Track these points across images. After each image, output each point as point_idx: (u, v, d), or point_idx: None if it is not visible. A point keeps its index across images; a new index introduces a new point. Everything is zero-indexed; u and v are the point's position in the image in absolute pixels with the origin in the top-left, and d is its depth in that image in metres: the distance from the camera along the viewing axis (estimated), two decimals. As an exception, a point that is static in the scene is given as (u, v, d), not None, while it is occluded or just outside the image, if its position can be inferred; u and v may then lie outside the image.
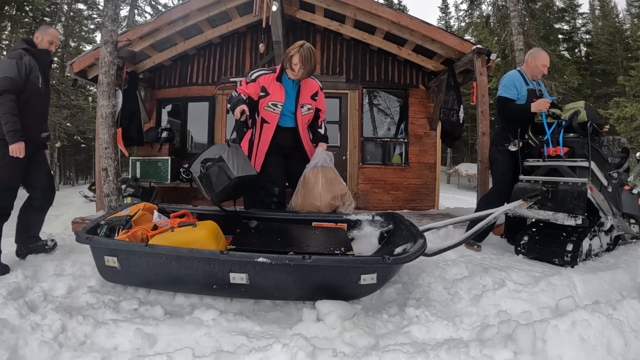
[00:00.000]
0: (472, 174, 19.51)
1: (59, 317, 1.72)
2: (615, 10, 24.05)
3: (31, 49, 2.57)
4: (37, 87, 2.55)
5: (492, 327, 1.71)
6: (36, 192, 2.77)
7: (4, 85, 2.36)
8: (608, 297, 2.14)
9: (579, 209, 2.62)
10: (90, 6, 19.20)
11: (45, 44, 2.66)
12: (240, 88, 2.76)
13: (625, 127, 14.10)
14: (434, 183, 6.16)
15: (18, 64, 2.43)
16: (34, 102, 2.55)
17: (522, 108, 3.06)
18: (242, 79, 2.80)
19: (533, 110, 2.98)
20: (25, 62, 2.47)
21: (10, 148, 2.39)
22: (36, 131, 2.62)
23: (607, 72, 20.64)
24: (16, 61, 2.43)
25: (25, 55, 2.50)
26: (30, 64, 2.50)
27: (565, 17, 21.28)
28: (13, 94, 2.39)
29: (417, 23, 4.90)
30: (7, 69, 2.40)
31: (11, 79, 2.38)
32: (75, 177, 28.17)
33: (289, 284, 1.97)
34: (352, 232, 2.80)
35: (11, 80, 2.38)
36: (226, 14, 5.36)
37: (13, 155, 2.40)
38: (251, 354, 1.51)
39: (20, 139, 2.40)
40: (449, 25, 27.33)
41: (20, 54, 2.48)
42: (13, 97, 2.39)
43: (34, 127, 2.58)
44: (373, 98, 6.43)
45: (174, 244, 2.04)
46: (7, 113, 2.36)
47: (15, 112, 2.39)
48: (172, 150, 5.86)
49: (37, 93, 2.56)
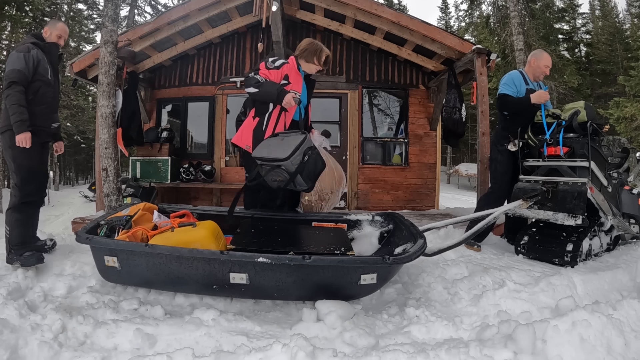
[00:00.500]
0: (472, 174, 19.52)
1: (59, 317, 1.72)
2: (615, 10, 24.06)
3: (39, 43, 2.63)
4: (47, 78, 2.61)
5: (492, 327, 1.71)
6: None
7: (12, 77, 2.44)
8: (608, 297, 2.14)
9: (579, 209, 2.62)
10: (90, 6, 19.19)
11: (54, 37, 2.71)
12: (263, 73, 2.64)
13: (625, 127, 14.10)
14: (434, 183, 6.16)
15: (25, 57, 2.49)
16: (44, 93, 2.61)
17: (522, 100, 3.05)
18: (261, 64, 2.69)
19: (533, 101, 2.97)
20: (33, 55, 2.53)
21: (17, 138, 2.44)
22: (46, 121, 2.67)
23: (607, 72, 20.63)
24: (24, 54, 2.49)
25: (33, 48, 2.55)
26: (39, 57, 2.56)
27: (565, 17, 21.27)
28: (21, 85, 2.46)
29: (417, 23, 4.90)
30: (15, 62, 2.47)
31: (19, 71, 2.45)
32: (75, 177, 28.16)
33: (289, 284, 1.97)
34: (352, 232, 2.80)
35: (19, 72, 2.45)
36: (226, 14, 5.36)
37: (19, 145, 2.44)
38: (251, 354, 1.51)
39: (27, 129, 2.44)
40: (449, 25, 27.32)
41: (28, 47, 2.54)
42: (21, 88, 2.46)
43: (43, 116, 2.63)
44: (373, 98, 6.43)
45: (174, 244, 2.04)
46: (15, 104, 2.43)
47: (23, 103, 2.45)
48: (172, 150, 5.86)
49: (46, 84, 2.62)
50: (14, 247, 2.51)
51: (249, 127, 2.70)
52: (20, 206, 2.56)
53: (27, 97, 2.50)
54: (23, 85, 2.47)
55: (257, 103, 2.71)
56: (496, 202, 3.09)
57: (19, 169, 2.54)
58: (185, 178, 5.78)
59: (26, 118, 2.44)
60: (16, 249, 2.50)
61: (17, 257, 2.47)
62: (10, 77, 2.45)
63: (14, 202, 2.58)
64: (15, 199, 2.57)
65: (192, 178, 5.80)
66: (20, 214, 2.57)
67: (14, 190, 2.60)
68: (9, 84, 2.44)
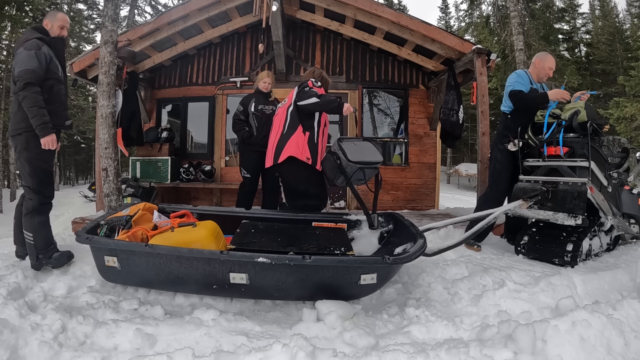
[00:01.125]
0: (472, 174, 19.51)
1: (59, 317, 1.72)
2: (615, 10, 24.05)
3: (46, 38, 2.51)
4: (58, 75, 2.53)
5: (492, 327, 1.71)
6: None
7: (27, 78, 2.31)
8: (608, 297, 2.14)
9: (579, 209, 2.62)
10: (90, 6, 19.19)
11: (56, 29, 2.59)
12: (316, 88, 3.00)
13: (625, 127, 14.09)
14: (434, 183, 6.16)
15: (38, 54, 2.37)
16: (57, 91, 2.52)
17: (539, 96, 3.03)
18: (308, 82, 3.01)
19: (551, 98, 2.96)
20: (45, 52, 2.42)
21: (42, 141, 2.37)
22: (61, 119, 2.57)
23: (607, 72, 20.62)
24: (35, 52, 2.37)
25: (42, 45, 2.44)
26: (50, 54, 2.46)
27: (565, 17, 21.26)
28: (36, 86, 2.34)
29: (417, 23, 4.90)
30: (27, 61, 2.34)
31: (33, 71, 2.33)
32: (75, 177, 28.15)
33: (289, 284, 1.97)
34: (352, 232, 2.80)
35: (33, 72, 2.33)
36: (226, 14, 5.36)
37: (46, 147, 2.39)
38: (251, 354, 1.51)
39: (51, 131, 2.38)
40: (449, 25, 27.31)
41: (37, 44, 2.41)
42: (37, 89, 2.34)
43: (59, 115, 2.54)
44: (373, 98, 6.42)
45: (174, 244, 2.04)
46: (34, 106, 2.32)
47: (42, 104, 2.35)
48: (172, 150, 5.86)
49: (58, 81, 2.53)
50: (42, 250, 2.46)
51: (304, 140, 2.93)
52: (40, 208, 2.50)
53: (42, 97, 2.39)
54: (38, 85, 2.36)
55: (303, 118, 2.95)
56: (494, 200, 3.09)
57: (35, 172, 2.46)
58: (185, 178, 5.78)
59: (48, 120, 2.36)
60: (44, 252, 2.46)
61: (47, 260, 2.44)
62: (25, 78, 2.31)
63: (32, 205, 2.48)
64: (34, 202, 2.48)
65: (192, 178, 5.80)
66: (41, 216, 2.51)
67: (30, 193, 2.49)
68: (24, 85, 2.31)
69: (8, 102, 12.69)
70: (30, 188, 2.48)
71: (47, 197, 2.53)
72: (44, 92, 2.41)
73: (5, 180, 14.37)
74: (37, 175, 2.47)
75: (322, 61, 5.98)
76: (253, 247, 2.13)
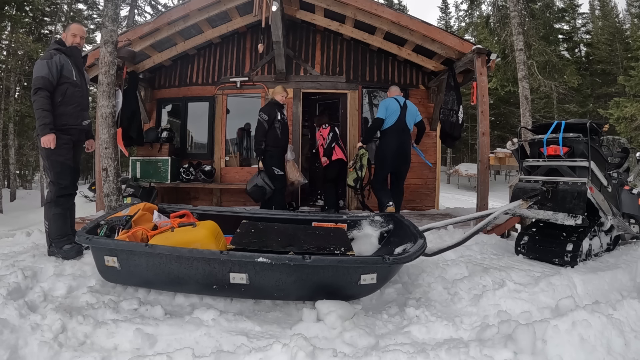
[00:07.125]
0: (472, 174, 19.47)
1: (59, 317, 1.72)
2: (615, 10, 24.03)
3: (62, 48, 2.80)
4: (72, 79, 2.79)
5: (492, 327, 1.71)
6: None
7: (37, 84, 2.63)
8: (608, 297, 2.14)
9: (579, 208, 2.62)
10: (90, 6, 19.16)
11: (70, 38, 2.86)
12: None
13: (625, 127, 14.07)
14: (434, 183, 6.15)
15: (49, 63, 2.66)
16: (72, 93, 2.79)
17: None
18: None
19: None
20: (56, 61, 2.70)
21: (42, 140, 2.61)
22: (77, 119, 2.85)
23: (607, 72, 20.60)
24: (47, 61, 2.67)
25: (56, 54, 2.73)
26: (62, 61, 2.73)
27: (565, 17, 21.24)
28: (45, 90, 2.64)
29: (417, 23, 4.90)
30: (39, 69, 2.65)
31: (43, 78, 2.63)
32: (75, 177, 28.08)
33: (289, 284, 1.97)
34: (352, 232, 2.80)
35: (43, 79, 2.63)
36: (226, 14, 5.36)
37: (44, 146, 2.62)
38: (251, 354, 1.51)
39: (50, 131, 2.61)
40: (449, 25, 27.29)
41: (50, 54, 2.73)
42: (45, 94, 2.64)
43: (74, 115, 2.81)
44: (373, 98, 6.42)
45: (174, 244, 2.04)
46: (40, 109, 2.61)
47: (47, 107, 2.63)
48: (172, 150, 5.86)
49: (73, 85, 2.79)
50: (54, 240, 2.71)
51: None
52: (57, 199, 2.76)
53: (56, 100, 2.69)
54: (48, 90, 2.64)
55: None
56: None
57: (52, 165, 2.72)
58: (185, 178, 5.77)
59: (49, 121, 2.61)
60: (57, 242, 2.70)
61: (58, 250, 2.66)
62: (36, 84, 2.63)
63: (50, 196, 2.78)
64: (52, 194, 2.78)
65: (192, 178, 5.80)
66: (58, 207, 2.77)
67: (50, 185, 2.82)
68: (35, 91, 2.63)
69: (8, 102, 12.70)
70: (51, 181, 2.79)
71: (63, 188, 2.77)
72: (57, 95, 2.71)
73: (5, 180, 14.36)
74: (54, 168, 2.73)
75: (322, 61, 5.97)
76: (253, 247, 2.13)
